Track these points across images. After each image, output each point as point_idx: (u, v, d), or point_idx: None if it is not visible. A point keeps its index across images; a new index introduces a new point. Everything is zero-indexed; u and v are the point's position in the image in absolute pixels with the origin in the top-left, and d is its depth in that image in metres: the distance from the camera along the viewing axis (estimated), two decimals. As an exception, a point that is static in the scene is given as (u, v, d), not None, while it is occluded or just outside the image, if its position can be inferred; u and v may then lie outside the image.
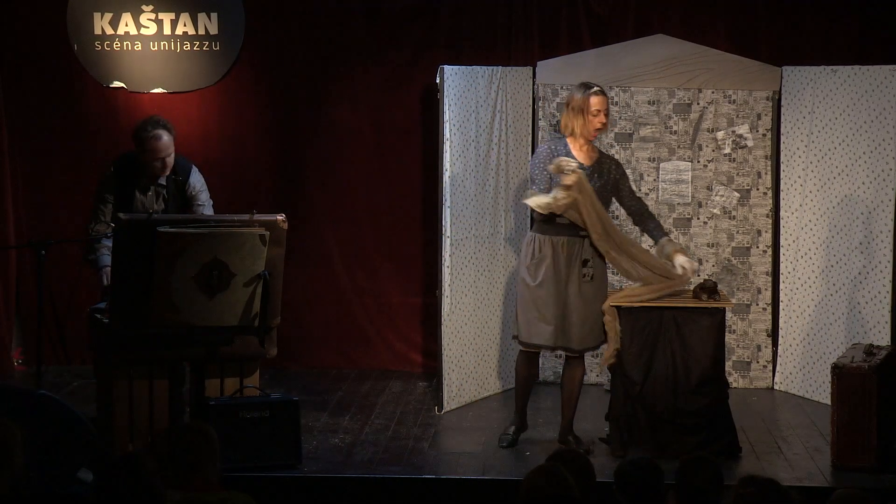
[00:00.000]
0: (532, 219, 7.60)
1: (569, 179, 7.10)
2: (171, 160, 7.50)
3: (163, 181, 7.54)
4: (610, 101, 7.55)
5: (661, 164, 8.79)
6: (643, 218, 7.50)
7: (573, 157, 7.30)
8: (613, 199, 7.51)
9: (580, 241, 7.27)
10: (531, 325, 7.31)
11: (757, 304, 8.83)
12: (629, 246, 7.35)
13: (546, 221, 7.28)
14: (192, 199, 7.60)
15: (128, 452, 6.47)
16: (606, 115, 7.32)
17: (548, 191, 7.25)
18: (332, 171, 9.22)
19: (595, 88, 7.35)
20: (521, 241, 8.33)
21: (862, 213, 8.26)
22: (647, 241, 7.98)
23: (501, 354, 8.62)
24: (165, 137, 7.43)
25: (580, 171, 7.15)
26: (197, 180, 7.64)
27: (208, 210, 7.60)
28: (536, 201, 7.21)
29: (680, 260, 7.34)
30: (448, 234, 8.19)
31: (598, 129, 7.33)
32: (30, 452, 4.75)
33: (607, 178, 7.36)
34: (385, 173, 9.23)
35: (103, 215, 7.49)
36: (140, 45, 9.11)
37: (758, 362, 8.84)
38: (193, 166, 7.67)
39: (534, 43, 9.04)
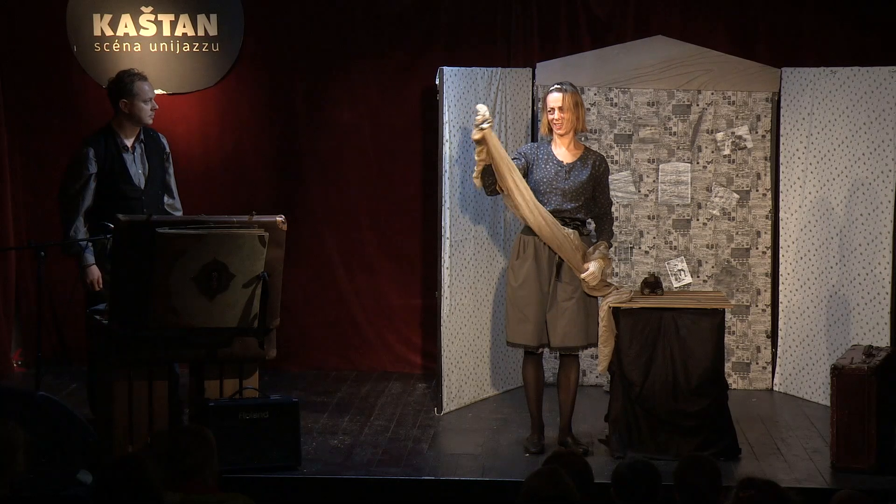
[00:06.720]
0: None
1: (477, 135, 7.13)
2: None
3: (142, 137, 7.58)
4: (609, 101, 7.53)
5: (661, 166, 8.79)
6: (602, 220, 7.43)
7: (553, 155, 7.31)
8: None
9: None
10: (514, 325, 7.34)
11: (756, 306, 8.83)
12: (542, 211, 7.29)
13: None
14: (166, 161, 7.71)
15: (127, 454, 6.47)
16: (565, 112, 7.26)
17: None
18: (332, 172, 9.22)
19: (554, 86, 7.35)
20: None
21: (861, 215, 8.26)
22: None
23: (501, 355, 8.62)
24: (147, 81, 7.57)
25: (486, 127, 7.11)
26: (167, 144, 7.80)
27: (173, 181, 7.73)
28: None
29: (591, 266, 7.25)
30: (447, 235, 8.19)
31: (557, 126, 7.29)
32: (29, 454, 4.75)
33: (590, 172, 7.33)
34: (385, 174, 9.23)
35: (83, 202, 7.45)
36: (139, 47, 9.11)
37: (757, 363, 8.84)
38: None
39: (533, 44, 9.04)
